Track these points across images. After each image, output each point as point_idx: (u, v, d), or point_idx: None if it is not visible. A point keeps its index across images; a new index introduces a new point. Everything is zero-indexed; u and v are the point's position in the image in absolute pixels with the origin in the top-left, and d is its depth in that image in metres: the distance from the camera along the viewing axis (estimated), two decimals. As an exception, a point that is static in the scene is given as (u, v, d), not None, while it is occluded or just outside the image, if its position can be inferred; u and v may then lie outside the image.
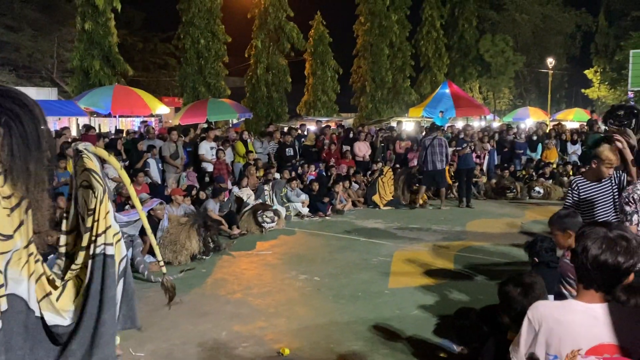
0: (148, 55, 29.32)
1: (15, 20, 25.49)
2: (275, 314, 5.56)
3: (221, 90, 22.88)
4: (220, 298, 6.12)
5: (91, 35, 18.82)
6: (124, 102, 14.84)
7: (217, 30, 22.96)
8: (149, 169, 10.52)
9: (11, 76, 25.89)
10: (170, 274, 6.88)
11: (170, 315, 5.54)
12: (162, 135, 12.40)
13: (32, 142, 2.75)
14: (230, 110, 17.41)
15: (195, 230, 7.92)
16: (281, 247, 8.65)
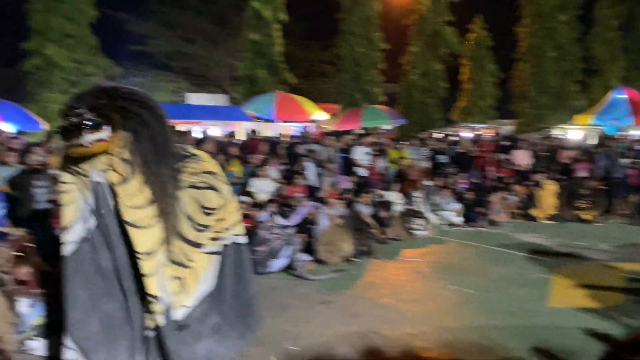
0: (308, 64, 30.63)
1: (193, 32, 28.18)
2: (424, 322, 5.52)
3: (376, 96, 23.16)
4: (370, 301, 6.22)
5: (258, 46, 20.20)
6: (285, 109, 15.69)
7: (374, 38, 23.31)
8: (307, 172, 11.00)
9: (187, 83, 28.70)
10: (322, 274, 7.20)
11: (322, 314, 5.76)
12: (319, 140, 12.89)
13: (161, 146, 2.82)
14: (385, 117, 17.55)
15: (349, 233, 8.15)
16: (431, 256, 8.54)
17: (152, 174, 2.76)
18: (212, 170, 3.08)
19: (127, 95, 2.82)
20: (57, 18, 17.05)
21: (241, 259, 3.15)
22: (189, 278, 3.00)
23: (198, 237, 3.01)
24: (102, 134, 2.70)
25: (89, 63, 17.80)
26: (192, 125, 12.98)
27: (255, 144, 11.26)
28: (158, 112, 2.83)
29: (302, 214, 8.33)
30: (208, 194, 2.84)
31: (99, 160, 2.76)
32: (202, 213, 2.83)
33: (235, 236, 3.11)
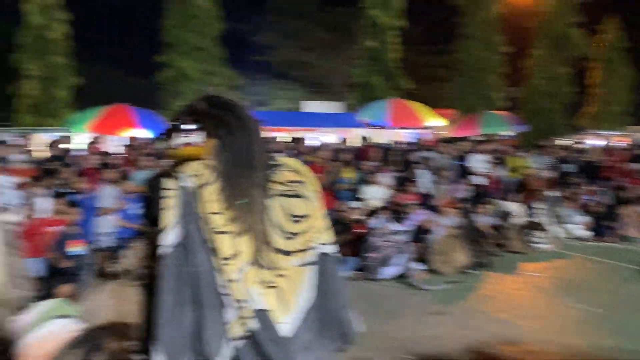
0: (423, 69, 30.24)
1: (310, 41, 28.96)
2: (547, 341, 5.22)
3: (496, 102, 22.32)
4: (486, 315, 6.01)
5: (373, 52, 20.31)
6: (399, 115, 15.65)
7: (494, 41, 22.51)
8: (420, 179, 10.85)
9: (304, 91, 29.53)
10: (436, 284, 7.07)
11: (435, 324, 5.67)
12: (433, 147, 12.67)
13: (245, 156, 2.90)
14: (505, 123, 16.89)
15: (464, 243, 7.93)
16: (554, 271, 8.06)
17: (232, 181, 2.87)
18: (299, 178, 3.03)
19: (221, 104, 2.94)
20: (188, 32, 18.30)
21: (331, 270, 3.08)
22: (287, 291, 3.02)
23: (288, 246, 2.99)
24: (192, 138, 2.79)
25: (216, 74, 18.90)
26: (307, 133, 13.32)
27: (367, 150, 11.31)
28: (247, 122, 2.90)
29: (415, 221, 8.24)
30: (295, 201, 2.80)
31: (190, 165, 2.90)
32: (291, 221, 2.79)
33: (323, 245, 3.06)
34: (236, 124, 2.88)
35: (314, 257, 2.96)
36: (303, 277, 2.95)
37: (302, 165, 3.27)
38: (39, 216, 6.89)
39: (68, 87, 16.80)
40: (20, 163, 7.78)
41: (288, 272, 2.97)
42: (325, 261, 2.99)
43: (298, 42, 28.75)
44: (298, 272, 3.03)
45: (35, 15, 16.20)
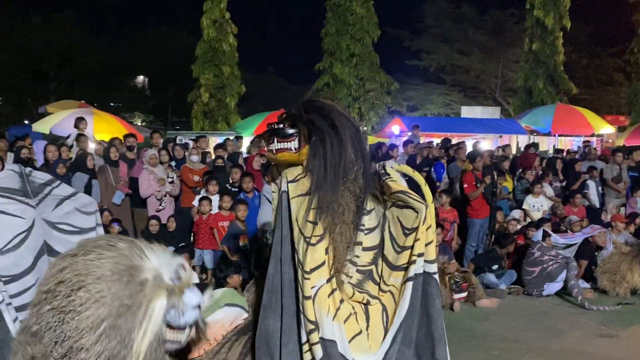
0: (592, 72, 27.95)
1: (468, 45, 28.20)
2: None
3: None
4: (665, 344, 5.43)
5: (537, 55, 19.27)
6: (565, 121, 14.67)
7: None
8: (588, 191, 10.08)
9: (460, 96, 28.82)
10: (604, 305, 6.53)
11: (603, 347, 5.26)
12: (604, 156, 11.69)
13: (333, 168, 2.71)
14: (690, 131, 15.04)
15: (638, 262, 7.22)
16: None
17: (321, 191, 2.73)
18: (404, 189, 2.78)
19: (317, 109, 2.82)
20: (346, 39, 18.88)
21: (433, 293, 2.82)
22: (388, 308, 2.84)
23: (397, 260, 2.75)
24: (288, 144, 2.70)
25: (370, 79, 19.25)
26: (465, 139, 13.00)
27: (529, 158, 10.74)
28: (341, 129, 2.74)
29: (581, 236, 7.67)
30: (407, 212, 2.72)
31: (290, 170, 2.85)
32: (403, 234, 2.73)
33: (428, 264, 2.82)
34: (328, 131, 2.74)
35: (415, 272, 2.77)
36: (405, 294, 2.76)
37: (413, 172, 3.09)
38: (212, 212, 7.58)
39: (236, 94, 18.28)
40: (196, 163, 8.61)
41: (392, 289, 2.83)
42: (428, 282, 2.76)
43: (455, 46, 28.17)
44: (400, 289, 2.85)
45: (210, 29, 17.86)
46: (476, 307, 6.49)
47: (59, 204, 3.42)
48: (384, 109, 20.08)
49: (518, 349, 5.16)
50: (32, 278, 3.15)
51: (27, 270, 3.15)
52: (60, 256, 2.37)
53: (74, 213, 3.48)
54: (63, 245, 3.28)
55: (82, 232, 3.47)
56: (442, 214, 8.13)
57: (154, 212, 8.01)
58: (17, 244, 3.11)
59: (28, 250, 3.16)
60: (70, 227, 3.43)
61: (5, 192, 3.18)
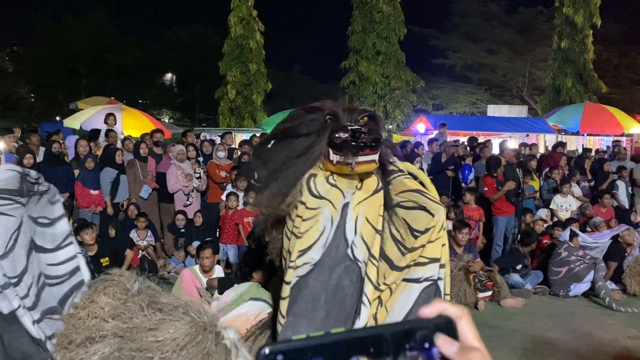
0: (623, 71, 27.37)
1: (495, 43, 27.87)
2: None
3: None
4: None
5: (566, 53, 18.99)
6: (594, 120, 14.43)
7: None
8: (617, 191, 9.91)
9: (486, 95, 28.50)
10: (633, 306, 6.43)
11: (632, 349, 5.18)
12: (634, 156, 11.48)
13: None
14: None
15: (669, 265, 7.08)
16: None
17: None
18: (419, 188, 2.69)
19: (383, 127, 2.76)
20: (372, 37, 18.86)
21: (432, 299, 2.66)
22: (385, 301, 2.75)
23: (401, 261, 2.64)
24: (375, 156, 2.48)
25: (396, 77, 19.19)
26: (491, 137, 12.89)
27: (556, 157, 10.60)
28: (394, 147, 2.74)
29: (609, 237, 7.55)
30: (417, 214, 2.61)
31: (354, 180, 2.72)
32: (411, 236, 2.61)
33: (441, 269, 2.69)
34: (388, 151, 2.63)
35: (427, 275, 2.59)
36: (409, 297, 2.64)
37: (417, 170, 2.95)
38: (237, 207, 7.67)
39: (262, 91, 18.42)
40: (223, 159, 8.72)
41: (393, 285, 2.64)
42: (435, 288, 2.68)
43: (482, 44, 27.88)
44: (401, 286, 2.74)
45: (237, 26, 18.02)
46: (501, 306, 6.45)
47: (40, 199, 3.52)
48: (410, 107, 20.00)
49: (544, 349, 5.12)
50: (29, 277, 3.23)
51: (24, 269, 3.23)
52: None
53: (47, 205, 3.57)
54: (42, 238, 3.40)
55: (53, 222, 3.57)
56: (467, 212, 8.09)
57: (181, 207, 8.14)
58: (13, 243, 3.20)
59: (20, 247, 3.25)
60: (46, 219, 3.53)
61: (6, 194, 3.27)
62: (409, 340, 0.61)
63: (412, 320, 0.64)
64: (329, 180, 2.59)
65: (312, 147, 2.57)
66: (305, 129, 2.63)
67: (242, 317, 3.82)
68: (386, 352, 0.59)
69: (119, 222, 7.90)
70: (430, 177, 9.63)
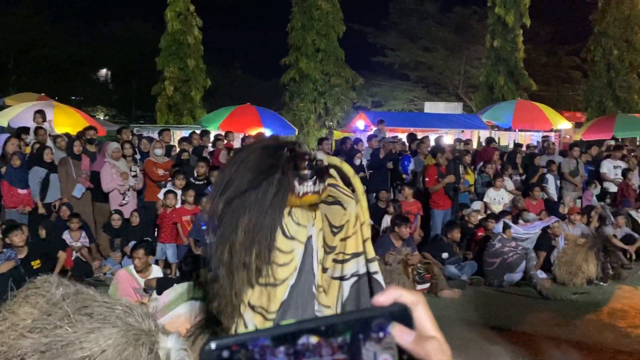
0: (551, 69, 28.67)
1: (431, 42, 28.57)
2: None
3: (633, 104, 20.64)
4: (618, 331, 5.64)
5: (498, 52, 19.69)
6: (525, 117, 15.03)
7: (634, 40, 20.81)
8: (546, 184, 10.37)
9: (423, 92, 29.19)
10: (561, 295, 6.76)
11: (561, 336, 5.44)
12: (562, 151, 12.04)
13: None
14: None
15: (594, 254, 7.48)
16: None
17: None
18: (335, 182, 2.58)
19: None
20: (311, 34, 18.88)
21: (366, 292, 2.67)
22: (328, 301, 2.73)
23: (325, 260, 2.56)
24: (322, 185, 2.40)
25: (336, 74, 19.31)
26: (428, 134, 13.22)
27: (489, 152, 10.99)
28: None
29: (539, 228, 7.90)
30: (335, 209, 2.54)
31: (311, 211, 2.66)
32: (331, 233, 2.53)
33: (368, 262, 2.56)
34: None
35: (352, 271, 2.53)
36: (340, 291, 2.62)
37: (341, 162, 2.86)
38: (176, 205, 7.52)
39: (201, 88, 18.09)
40: (160, 157, 8.52)
41: (325, 286, 2.56)
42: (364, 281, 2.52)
43: (419, 43, 28.51)
44: (333, 286, 2.57)
45: (174, 21, 17.61)
46: (439, 297, 6.62)
47: None
48: (349, 105, 20.18)
49: (481, 338, 5.29)
50: None
51: None
52: None
53: None
54: None
55: None
56: (405, 206, 8.26)
57: (116, 207, 7.90)
58: None
59: None
60: None
61: None
62: (364, 330, 0.58)
63: (367, 309, 0.62)
64: (294, 219, 2.49)
65: (281, 187, 2.34)
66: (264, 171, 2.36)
67: (182, 317, 3.74)
68: (339, 332, 0.57)
69: (51, 222, 7.58)
70: (369, 173, 9.78)
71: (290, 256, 2.40)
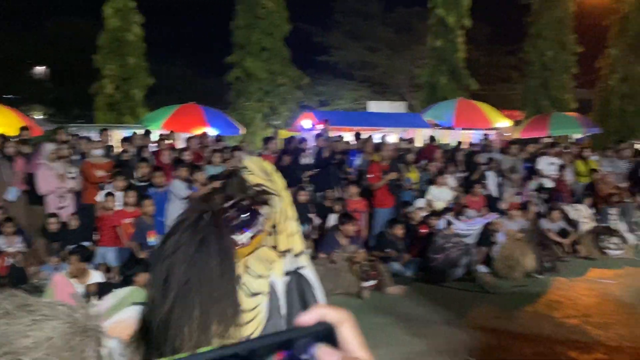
0: (491, 69, 29.56)
1: (376, 42, 28.92)
2: (618, 349, 5.07)
3: (567, 103, 21.58)
4: (553, 321, 5.89)
5: (440, 52, 20.13)
6: (466, 115, 15.42)
7: (566, 41, 21.76)
8: (486, 181, 10.67)
9: (368, 91, 29.52)
10: (502, 288, 6.99)
11: (501, 328, 5.61)
12: (502, 148, 12.42)
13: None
14: (575, 125, 16.30)
15: (531, 248, 7.77)
16: (627, 278, 7.75)
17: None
18: (261, 182, 2.49)
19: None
20: (256, 33, 18.75)
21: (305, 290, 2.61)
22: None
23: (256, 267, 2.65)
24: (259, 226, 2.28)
25: (281, 74, 19.26)
26: (372, 132, 13.38)
27: (432, 151, 11.23)
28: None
29: (481, 224, 8.14)
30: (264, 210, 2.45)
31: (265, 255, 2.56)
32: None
33: (296, 258, 2.63)
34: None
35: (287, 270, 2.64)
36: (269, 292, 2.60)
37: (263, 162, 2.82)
38: (117, 208, 7.30)
39: (143, 86, 17.62)
40: (99, 158, 8.26)
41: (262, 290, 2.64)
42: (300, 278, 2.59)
43: (363, 42, 28.79)
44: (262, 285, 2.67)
45: (114, 18, 17.08)
46: (384, 294, 6.71)
47: None
48: (296, 104, 20.18)
49: (424, 332, 5.40)
50: None
51: None
52: None
53: None
54: None
55: None
56: (352, 204, 8.33)
57: (53, 210, 7.60)
58: None
59: None
60: None
61: None
62: (287, 352, 0.56)
63: (289, 330, 0.59)
64: (252, 273, 2.37)
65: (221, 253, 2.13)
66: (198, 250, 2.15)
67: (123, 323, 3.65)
68: (261, 356, 0.55)
69: (-18, 228, 7.20)
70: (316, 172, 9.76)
71: (255, 312, 2.27)
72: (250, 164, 2.61)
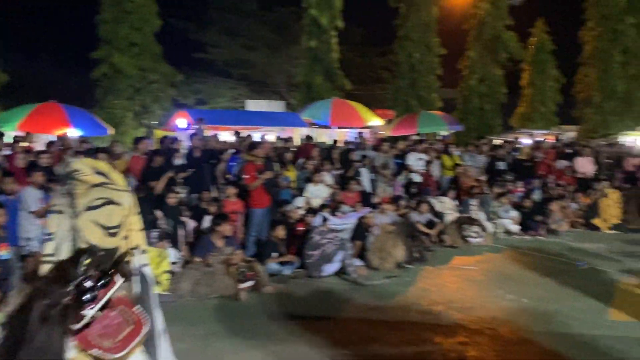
0: (364, 70, 30.64)
1: (253, 40, 28.77)
2: (478, 331, 5.44)
3: (433, 102, 22.94)
4: (422, 308, 6.19)
5: (315, 52, 20.45)
6: (341, 115, 15.82)
7: (431, 44, 23.12)
8: (360, 177, 11.01)
9: (247, 90, 29.31)
10: (375, 280, 7.23)
11: (374, 320, 5.79)
12: (374, 146, 12.88)
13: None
14: (441, 123, 17.38)
15: (401, 239, 8.12)
16: (487, 264, 8.39)
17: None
18: (102, 180, 2.45)
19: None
20: (124, 28, 17.82)
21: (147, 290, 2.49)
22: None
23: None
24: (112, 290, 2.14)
25: (153, 70, 18.48)
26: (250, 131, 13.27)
27: (308, 149, 11.38)
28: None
29: (355, 218, 8.36)
30: (108, 209, 2.41)
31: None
32: (107, 236, 2.39)
33: (143, 255, 2.51)
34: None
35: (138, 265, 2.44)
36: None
37: (96, 162, 2.59)
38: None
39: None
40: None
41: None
42: (144, 274, 2.43)
43: (240, 41, 28.49)
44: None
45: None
46: (262, 294, 6.66)
47: None
48: (169, 102, 19.47)
49: (302, 330, 5.42)
50: None
51: None
52: None
53: None
54: None
55: None
56: (230, 205, 8.18)
57: None
58: None
59: None
60: None
61: None
62: None
63: None
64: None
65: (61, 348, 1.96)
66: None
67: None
68: None
69: None
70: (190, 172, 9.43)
71: None
72: (81, 166, 2.44)
